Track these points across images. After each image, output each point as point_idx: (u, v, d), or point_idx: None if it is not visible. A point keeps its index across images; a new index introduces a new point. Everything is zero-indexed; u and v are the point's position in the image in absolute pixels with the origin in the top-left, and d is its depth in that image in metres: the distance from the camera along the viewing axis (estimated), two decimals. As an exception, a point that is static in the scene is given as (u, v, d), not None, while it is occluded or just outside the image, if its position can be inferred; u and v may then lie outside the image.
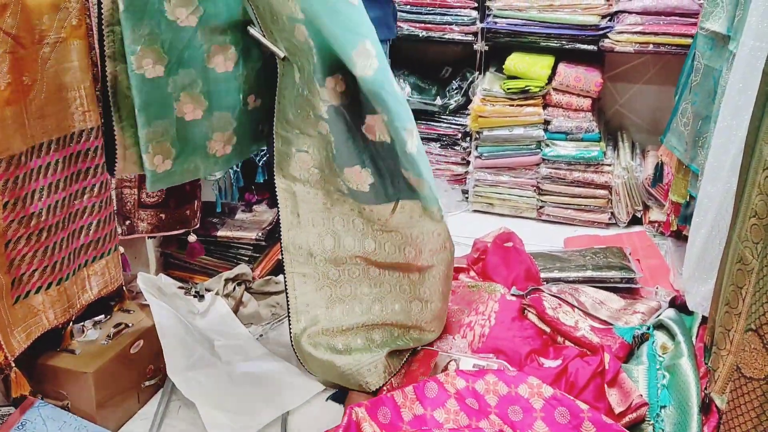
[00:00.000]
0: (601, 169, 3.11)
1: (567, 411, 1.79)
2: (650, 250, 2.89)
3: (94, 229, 1.84)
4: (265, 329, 2.41)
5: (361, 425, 1.63)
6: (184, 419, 1.91)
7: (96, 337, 1.88)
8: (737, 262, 1.35)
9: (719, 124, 1.74)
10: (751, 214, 1.31)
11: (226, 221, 2.77)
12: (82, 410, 1.80)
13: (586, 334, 2.10)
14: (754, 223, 1.31)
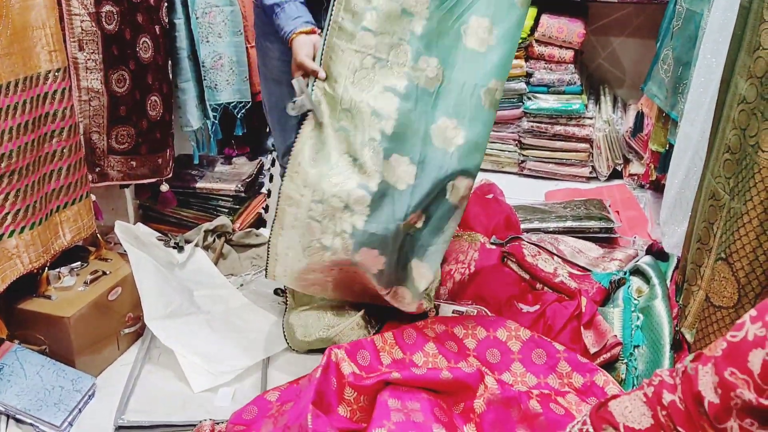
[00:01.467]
0: (582, 122, 3.10)
1: (544, 352, 1.81)
2: (629, 202, 2.91)
3: (64, 174, 1.81)
4: (245, 279, 2.41)
5: (341, 365, 1.63)
6: (165, 365, 1.91)
7: (72, 283, 1.87)
8: (709, 199, 1.36)
9: (699, 62, 1.73)
10: (725, 150, 1.31)
11: (205, 173, 2.74)
12: (61, 355, 1.80)
13: (565, 280, 2.11)
14: (727, 158, 1.31)
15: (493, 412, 1.61)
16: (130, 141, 2.13)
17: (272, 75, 1.96)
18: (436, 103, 1.71)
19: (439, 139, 1.71)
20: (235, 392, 1.83)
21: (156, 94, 2.23)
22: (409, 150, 1.70)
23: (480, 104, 1.71)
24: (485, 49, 1.70)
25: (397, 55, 1.68)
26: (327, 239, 1.70)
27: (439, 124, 1.71)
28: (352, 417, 1.61)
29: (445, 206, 1.77)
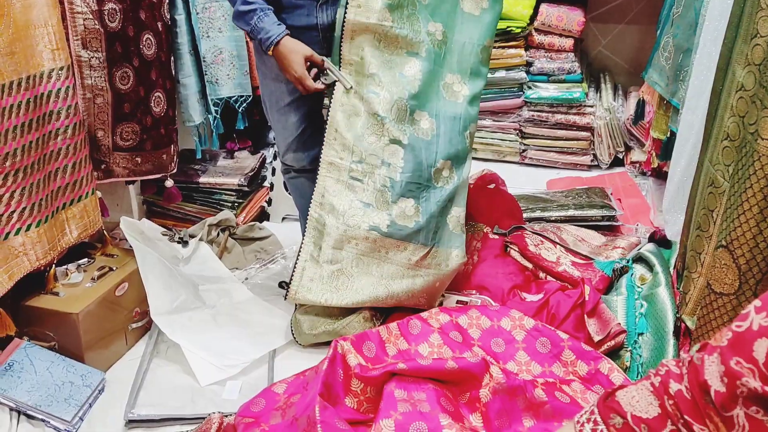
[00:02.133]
0: (583, 110, 3.10)
1: (548, 341, 1.82)
2: (631, 190, 2.92)
3: (70, 172, 1.82)
4: (249, 273, 2.42)
5: (347, 357, 1.65)
6: (173, 360, 1.93)
7: (80, 280, 1.88)
8: (708, 186, 1.37)
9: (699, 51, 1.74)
10: (723, 137, 1.32)
11: (208, 168, 2.75)
12: (70, 351, 1.81)
13: (568, 269, 2.13)
14: (725, 145, 1.31)
15: (499, 401, 1.62)
16: (135, 138, 2.13)
17: (272, 73, 1.95)
18: (443, 62, 1.96)
19: (449, 93, 1.98)
20: (243, 385, 1.85)
21: (160, 90, 2.24)
22: (428, 106, 1.95)
23: (478, 61, 2.00)
24: (479, 12, 1.98)
25: (412, 24, 1.89)
26: (368, 196, 1.92)
27: (446, 80, 1.98)
28: (359, 408, 1.62)
29: (466, 152, 2.03)
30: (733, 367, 0.62)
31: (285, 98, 1.98)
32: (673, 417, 0.66)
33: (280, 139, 2.10)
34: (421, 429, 1.46)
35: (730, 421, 0.62)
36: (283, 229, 2.68)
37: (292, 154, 2.09)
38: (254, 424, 1.60)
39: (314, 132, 2.07)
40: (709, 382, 0.63)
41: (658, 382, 0.68)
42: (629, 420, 0.68)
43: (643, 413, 0.68)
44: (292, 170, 2.15)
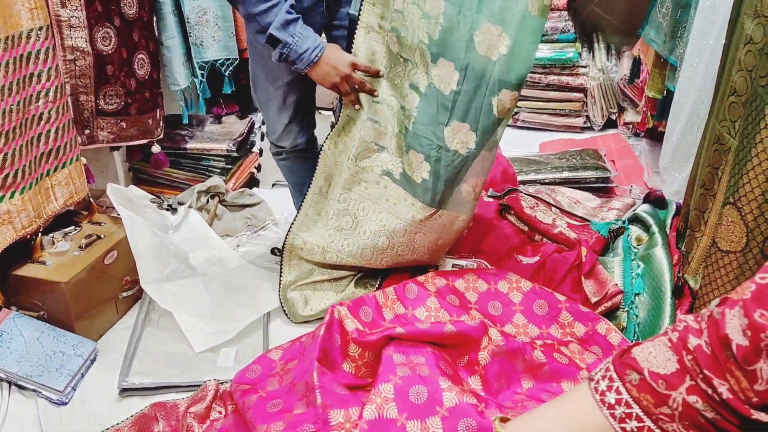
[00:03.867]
0: (576, 71, 3.06)
1: (545, 303, 1.81)
2: (625, 151, 2.89)
3: (53, 137, 1.76)
4: (240, 240, 2.38)
5: (344, 322, 1.63)
6: (166, 328, 1.90)
7: (67, 248, 1.84)
8: (714, 143, 1.34)
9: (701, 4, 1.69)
10: (730, 92, 1.28)
11: (195, 133, 2.69)
12: (60, 321, 1.78)
13: (564, 230, 2.11)
14: (732, 101, 1.28)
15: (498, 363, 1.61)
16: (119, 101, 2.06)
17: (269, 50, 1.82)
18: (480, 7, 1.59)
19: (483, 46, 1.61)
20: (238, 352, 1.82)
21: (143, 52, 2.17)
22: (454, 55, 1.64)
23: (527, 9, 1.56)
24: None
25: None
26: (385, 140, 1.83)
27: (482, 30, 1.60)
28: (357, 373, 1.61)
29: (491, 120, 1.71)
30: (757, 319, 0.60)
31: (286, 76, 1.87)
32: (692, 372, 0.64)
33: (275, 120, 1.99)
34: (420, 392, 1.45)
35: (753, 375, 0.61)
36: (274, 196, 2.64)
37: (290, 134, 2.01)
38: (251, 390, 1.58)
39: (310, 109, 2.02)
40: (730, 336, 0.62)
41: (676, 337, 0.66)
42: (646, 376, 0.66)
43: (660, 369, 0.66)
44: (284, 152, 2.09)
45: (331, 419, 1.41)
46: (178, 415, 1.59)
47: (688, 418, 0.65)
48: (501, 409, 1.46)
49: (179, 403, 1.62)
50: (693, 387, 0.64)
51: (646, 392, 0.66)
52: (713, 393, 0.63)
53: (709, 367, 0.63)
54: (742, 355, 0.61)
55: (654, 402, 0.66)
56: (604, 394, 0.69)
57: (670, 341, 0.67)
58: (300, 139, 2.04)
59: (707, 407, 0.64)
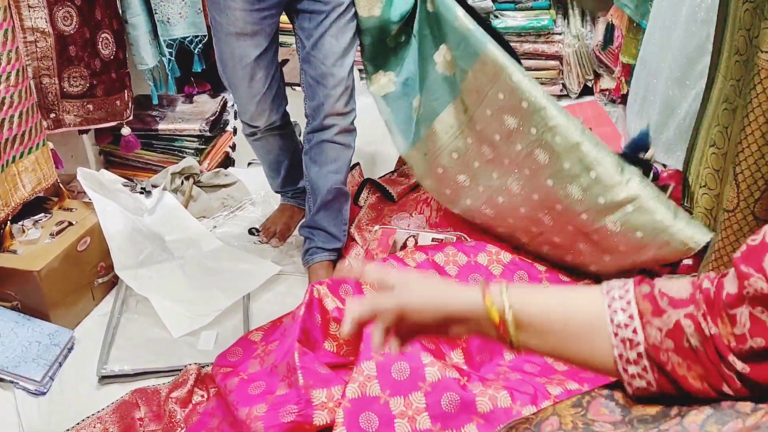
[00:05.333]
0: (551, 38, 3.03)
1: (525, 274, 1.82)
2: (602, 118, 2.88)
3: (17, 122, 1.70)
4: (217, 222, 2.35)
5: (324, 301, 1.62)
6: (144, 313, 1.87)
7: (38, 236, 1.79)
8: (723, 102, 1.33)
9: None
10: (734, 51, 1.27)
11: (167, 114, 2.63)
12: (35, 310, 1.75)
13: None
14: (736, 59, 1.28)
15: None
16: (84, 83, 2.00)
17: (233, 28, 1.78)
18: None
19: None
20: (218, 335, 1.81)
21: (107, 31, 2.10)
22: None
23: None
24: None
25: None
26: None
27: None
28: (339, 351, 1.60)
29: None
30: (742, 269, 0.63)
31: (251, 53, 1.83)
32: (697, 304, 0.66)
33: (246, 100, 1.94)
34: (402, 369, 1.45)
35: (734, 319, 0.63)
36: (250, 175, 2.60)
37: (263, 113, 1.97)
38: (232, 373, 1.57)
39: (280, 85, 1.98)
40: (725, 286, 0.65)
41: (696, 279, 0.69)
42: (656, 292, 0.69)
43: (672, 293, 0.68)
44: (258, 131, 2.04)
45: (313, 399, 1.40)
46: (159, 401, 1.58)
47: (673, 337, 0.66)
48: (483, 381, 1.47)
49: (160, 389, 1.61)
50: (692, 314, 0.66)
51: (649, 302, 0.68)
52: (705, 327, 0.65)
53: (709, 307, 0.65)
54: (729, 301, 0.64)
55: (651, 310, 0.67)
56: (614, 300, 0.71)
57: (691, 280, 0.69)
58: (274, 116, 2.00)
59: (695, 335, 0.65)
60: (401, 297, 0.77)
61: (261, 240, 2.23)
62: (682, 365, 0.65)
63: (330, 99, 1.85)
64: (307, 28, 1.81)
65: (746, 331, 0.61)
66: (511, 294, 0.74)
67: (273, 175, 2.24)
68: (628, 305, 0.69)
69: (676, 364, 0.66)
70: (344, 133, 1.92)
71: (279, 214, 2.28)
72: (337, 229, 2.02)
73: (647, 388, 0.68)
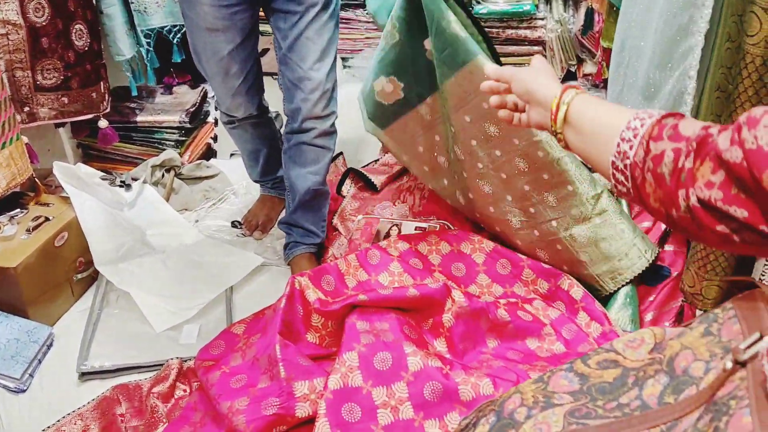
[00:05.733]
0: (534, 23, 3.01)
1: (507, 262, 1.81)
2: (585, 104, 2.88)
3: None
4: (200, 214, 2.33)
5: (305, 292, 1.60)
6: (125, 308, 1.85)
7: (14, 232, 1.76)
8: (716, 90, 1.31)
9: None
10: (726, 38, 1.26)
11: (146, 105, 2.59)
12: (13, 307, 1.72)
13: (524, 187, 2.10)
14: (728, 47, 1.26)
15: (462, 324, 1.61)
16: (58, 75, 1.97)
17: (204, 23, 1.74)
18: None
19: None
20: (201, 328, 1.79)
21: (80, 22, 2.06)
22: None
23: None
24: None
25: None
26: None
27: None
28: (322, 343, 1.59)
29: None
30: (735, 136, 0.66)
31: (224, 48, 1.78)
32: (689, 142, 0.72)
33: (221, 92, 1.91)
34: (385, 359, 1.44)
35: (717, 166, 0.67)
36: (232, 166, 2.58)
37: (240, 105, 1.94)
38: (215, 367, 1.56)
39: (257, 77, 1.94)
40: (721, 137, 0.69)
41: (710, 124, 0.74)
42: (670, 123, 0.75)
43: (680, 128, 0.73)
44: (236, 120, 2.02)
45: (295, 391, 1.39)
46: (141, 396, 1.56)
47: (654, 161, 0.73)
48: (466, 369, 1.47)
49: (142, 384, 1.59)
50: (678, 149, 0.72)
51: (658, 128, 0.75)
52: (682, 160, 0.71)
53: (699, 146, 0.70)
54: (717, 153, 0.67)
55: (654, 135, 0.75)
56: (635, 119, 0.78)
57: (705, 125, 0.73)
58: (251, 109, 1.98)
59: (669, 165, 0.72)
60: (516, 70, 1.01)
61: (243, 233, 2.21)
62: (651, 185, 0.74)
63: (308, 103, 1.80)
64: (283, 28, 1.76)
65: (718, 182, 0.66)
66: (577, 98, 0.88)
67: (252, 164, 2.22)
68: (641, 126, 0.76)
69: (648, 183, 0.74)
70: (323, 136, 1.88)
71: (260, 206, 2.26)
72: (315, 226, 2.01)
73: (626, 194, 0.79)
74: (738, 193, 0.64)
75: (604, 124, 0.82)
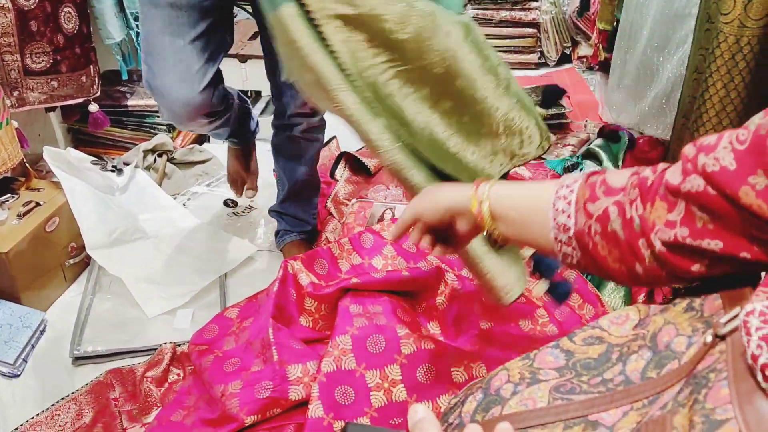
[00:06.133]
0: (528, 5, 2.99)
1: (501, 244, 1.81)
2: (580, 86, 2.87)
3: (-23, 100, 1.65)
4: (192, 193, 2.32)
5: (298, 276, 1.60)
6: (118, 293, 1.84)
7: (4, 217, 1.75)
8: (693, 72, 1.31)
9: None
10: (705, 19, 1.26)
11: (136, 89, 2.57)
12: (4, 293, 1.71)
13: (518, 169, 2.09)
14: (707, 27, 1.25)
15: (455, 307, 1.61)
16: (47, 59, 1.94)
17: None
18: None
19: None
20: (194, 313, 1.79)
21: (68, 5, 2.03)
22: None
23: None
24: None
25: None
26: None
27: None
28: (315, 326, 1.59)
29: None
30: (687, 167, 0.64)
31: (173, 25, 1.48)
32: (626, 191, 0.69)
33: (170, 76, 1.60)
34: (378, 342, 1.44)
35: (672, 204, 0.65)
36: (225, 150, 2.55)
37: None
38: (208, 351, 1.56)
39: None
40: (667, 174, 0.67)
41: (639, 169, 0.72)
42: (598, 180, 0.73)
43: (611, 181, 0.72)
44: None
45: (289, 374, 1.39)
46: (134, 380, 1.56)
47: (600, 222, 0.70)
48: (459, 352, 1.47)
49: (135, 368, 1.59)
50: (619, 201, 0.70)
51: (589, 189, 0.72)
52: (629, 210, 0.68)
53: (642, 192, 0.67)
54: (670, 189, 0.65)
55: (587, 197, 0.72)
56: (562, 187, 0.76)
57: (634, 170, 0.72)
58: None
59: (617, 219, 0.69)
60: (414, 205, 0.92)
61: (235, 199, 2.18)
62: (605, 248, 0.71)
63: (295, 101, 1.76)
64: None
65: (678, 219, 0.64)
66: (494, 189, 0.83)
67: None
68: (570, 193, 0.74)
69: (600, 246, 0.71)
70: (311, 129, 1.84)
71: (233, 161, 2.08)
72: (306, 214, 2.00)
73: (576, 265, 0.76)
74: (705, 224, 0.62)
75: (531, 205, 0.79)
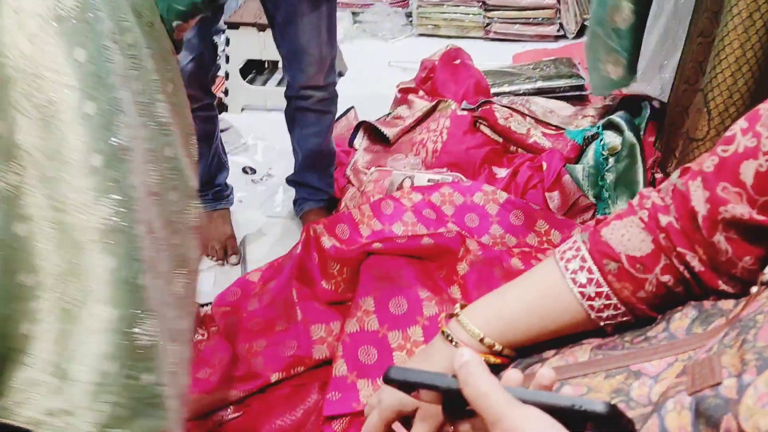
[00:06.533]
0: (548, -23, 2.97)
1: (521, 212, 1.81)
2: (599, 58, 2.85)
3: None
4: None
5: (320, 239, 1.62)
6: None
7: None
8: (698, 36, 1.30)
9: None
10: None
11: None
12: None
13: (538, 139, 2.09)
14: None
15: (476, 272, 1.62)
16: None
17: None
18: None
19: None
20: (216, 276, 1.82)
21: None
22: None
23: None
24: None
25: None
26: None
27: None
28: (337, 289, 1.61)
29: None
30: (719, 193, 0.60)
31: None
32: (667, 250, 0.64)
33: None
34: (400, 303, 1.46)
35: (714, 247, 0.61)
36: (243, 120, 2.58)
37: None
38: (231, 312, 1.58)
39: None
40: (696, 208, 0.62)
41: (646, 216, 0.66)
42: (624, 263, 0.66)
43: (637, 252, 0.65)
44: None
45: (312, 334, 1.42)
46: (160, 341, 1.59)
47: (658, 296, 0.66)
48: (480, 315, 1.48)
49: (160, 329, 1.62)
50: (667, 266, 0.64)
51: (626, 281, 0.65)
52: (685, 269, 0.64)
53: (680, 243, 0.63)
54: (705, 226, 0.61)
55: (632, 289, 0.65)
56: (575, 272, 0.67)
57: (642, 221, 0.66)
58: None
59: (677, 283, 0.65)
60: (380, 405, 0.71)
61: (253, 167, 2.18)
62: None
63: (305, 74, 1.74)
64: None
65: (731, 256, 0.60)
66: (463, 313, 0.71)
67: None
68: (609, 299, 0.66)
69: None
70: (322, 101, 1.84)
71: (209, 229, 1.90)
72: (322, 183, 2.01)
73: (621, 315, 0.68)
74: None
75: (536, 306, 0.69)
